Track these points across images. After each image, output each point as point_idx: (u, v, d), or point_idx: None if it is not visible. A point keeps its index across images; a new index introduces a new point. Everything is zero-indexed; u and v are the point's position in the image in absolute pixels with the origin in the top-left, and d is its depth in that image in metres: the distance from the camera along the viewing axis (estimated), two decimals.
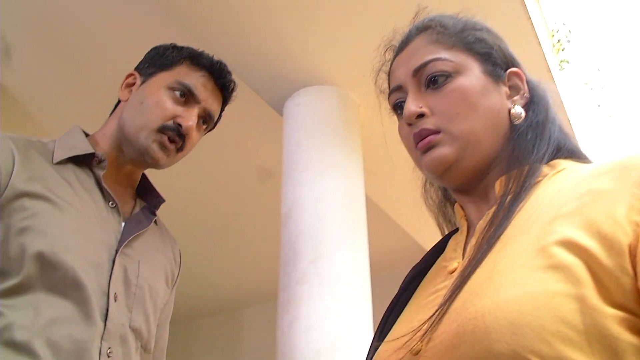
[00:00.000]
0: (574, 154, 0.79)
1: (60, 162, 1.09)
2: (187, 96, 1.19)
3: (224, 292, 5.58)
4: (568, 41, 3.77)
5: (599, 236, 0.57)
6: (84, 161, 1.13)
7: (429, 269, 0.84)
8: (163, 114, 1.15)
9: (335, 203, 2.63)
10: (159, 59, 1.24)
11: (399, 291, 0.84)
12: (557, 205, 0.63)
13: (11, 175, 1.00)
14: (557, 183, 0.70)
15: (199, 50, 1.27)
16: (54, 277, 0.96)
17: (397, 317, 0.79)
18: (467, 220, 0.81)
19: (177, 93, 1.18)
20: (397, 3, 2.51)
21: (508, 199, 0.71)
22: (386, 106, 0.90)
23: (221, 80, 1.24)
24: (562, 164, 0.75)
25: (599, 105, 4.09)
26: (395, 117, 0.88)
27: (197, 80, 1.20)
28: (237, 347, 5.75)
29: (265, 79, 2.95)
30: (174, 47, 1.26)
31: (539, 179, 0.73)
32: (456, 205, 0.85)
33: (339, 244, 2.52)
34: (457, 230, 0.85)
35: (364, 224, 2.70)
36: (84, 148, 1.13)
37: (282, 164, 2.86)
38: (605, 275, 0.55)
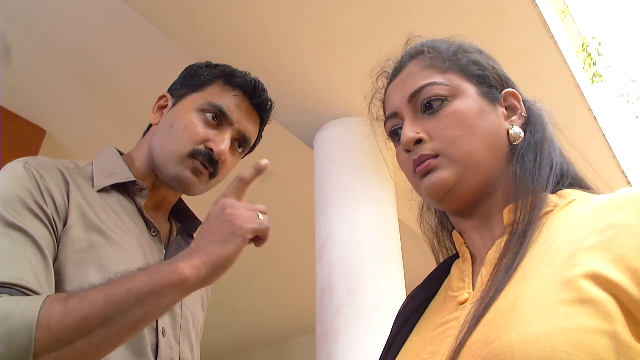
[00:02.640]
0: (579, 182, 0.77)
1: (102, 189, 1.05)
2: (219, 118, 1.10)
3: (271, 324, 5.62)
4: (599, 54, 3.73)
5: (629, 271, 0.55)
6: (123, 186, 1.09)
7: (430, 299, 0.82)
8: (192, 139, 1.08)
9: (368, 233, 2.63)
10: (191, 79, 1.16)
11: (399, 322, 0.82)
12: (577, 238, 0.61)
13: (68, 205, 0.96)
14: (571, 214, 0.68)
15: (233, 68, 1.18)
16: None
17: (399, 348, 0.77)
18: (467, 247, 0.79)
19: (209, 115, 1.10)
20: (409, 31, 2.54)
21: (519, 229, 0.68)
22: (381, 132, 0.89)
23: (256, 99, 1.15)
24: (572, 194, 0.73)
25: (636, 117, 4.00)
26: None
27: (229, 100, 1.12)
28: None
29: (294, 114, 3.00)
30: (207, 66, 1.18)
31: (550, 209, 0.71)
32: (454, 232, 0.82)
33: (373, 274, 2.51)
34: (455, 256, 0.83)
35: (398, 252, 2.69)
36: (125, 175, 1.09)
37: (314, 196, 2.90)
38: (637, 311, 0.53)
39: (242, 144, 1.15)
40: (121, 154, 1.16)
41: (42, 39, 2.98)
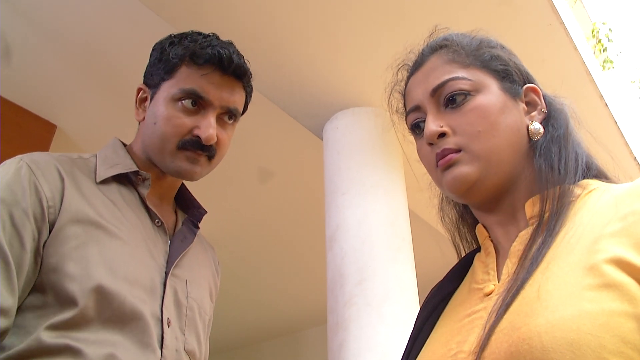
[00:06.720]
0: (602, 174, 0.79)
1: (103, 181, 1.05)
2: (197, 102, 1.08)
3: (283, 315, 5.65)
4: (610, 40, 3.70)
5: None
6: (126, 177, 1.08)
7: (452, 292, 0.83)
8: (177, 132, 1.06)
9: (378, 223, 2.63)
10: (159, 65, 1.13)
11: (423, 315, 0.83)
12: (600, 225, 0.63)
13: (62, 201, 0.95)
14: (592, 203, 0.70)
15: (195, 39, 1.13)
16: (112, 308, 0.91)
17: (424, 341, 0.78)
18: (492, 241, 0.80)
19: (187, 102, 1.07)
20: (417, 20, 2.54)
21: (546, 219, 0.70)
22: (400, 125, 0.90)
23: (228, 69, 1.10)
24: (592, 183, 0.75)
25: None
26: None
27: (200, 81, 1.08)
28: None
29: (303, 105, 3.00)
30: (171, 44, 1.14)
31: (572, 199, 0.72)
32: (478, 226, 0.84)
33: (384, 264, 2.51)
34: (476, 250, 0.85)
35: (409, 242, 2.69)
36: (127, 165, 1.08)
37: (324, 187, 2.90)
38: None
39: (232, 115, 1.12)
40: (125, 145, 1.17)
41: (51, 33, 2.99)
